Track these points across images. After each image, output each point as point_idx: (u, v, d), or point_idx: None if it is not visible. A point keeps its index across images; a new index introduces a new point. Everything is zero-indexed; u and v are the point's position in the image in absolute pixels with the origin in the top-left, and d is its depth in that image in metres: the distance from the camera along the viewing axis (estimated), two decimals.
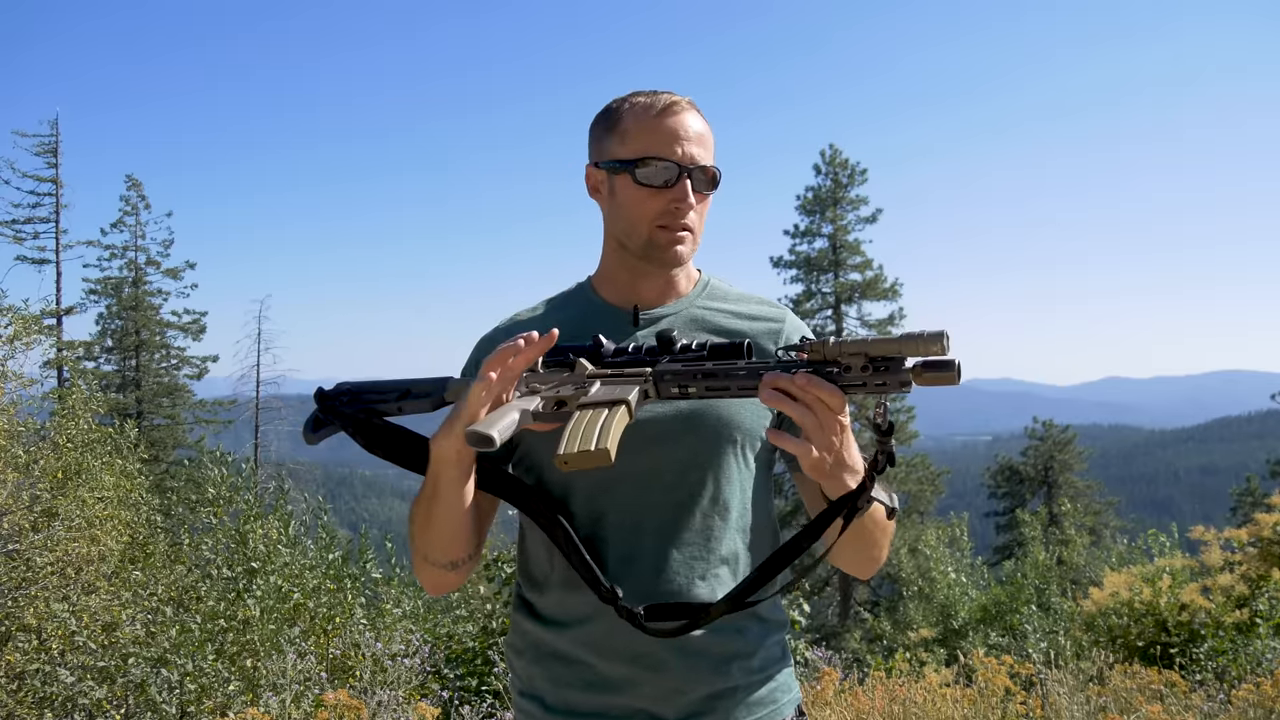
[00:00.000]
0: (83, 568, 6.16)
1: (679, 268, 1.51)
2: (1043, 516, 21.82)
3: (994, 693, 4.74)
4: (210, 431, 22.62)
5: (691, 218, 1.46)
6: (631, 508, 1.43)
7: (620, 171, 1.46)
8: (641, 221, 1.46)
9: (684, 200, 1.43)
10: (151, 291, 23.99)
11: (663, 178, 1.43)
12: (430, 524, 1.37)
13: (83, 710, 5.23)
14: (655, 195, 1.44)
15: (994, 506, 30.79)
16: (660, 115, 1.45)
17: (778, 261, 25.67)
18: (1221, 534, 8.95)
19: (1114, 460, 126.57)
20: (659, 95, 1.47)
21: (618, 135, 1.47)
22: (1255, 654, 7.05)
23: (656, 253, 1.46)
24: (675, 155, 1.43)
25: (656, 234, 1.45)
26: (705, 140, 1.47)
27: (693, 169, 1.44)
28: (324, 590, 7.17)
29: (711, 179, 1.47)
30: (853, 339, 1.13)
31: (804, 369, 1.16)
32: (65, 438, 7.20)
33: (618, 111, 1.49)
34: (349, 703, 4.04)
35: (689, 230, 1.46)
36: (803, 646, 6.23)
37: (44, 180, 22.68)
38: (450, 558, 1.41)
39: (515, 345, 1.23)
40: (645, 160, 1.43)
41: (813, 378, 1.15)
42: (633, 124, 1.46)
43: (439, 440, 1.29)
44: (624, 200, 1.47)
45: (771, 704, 1.48)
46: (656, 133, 1.44)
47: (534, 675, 1.50)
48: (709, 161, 1.47)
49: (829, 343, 1.13)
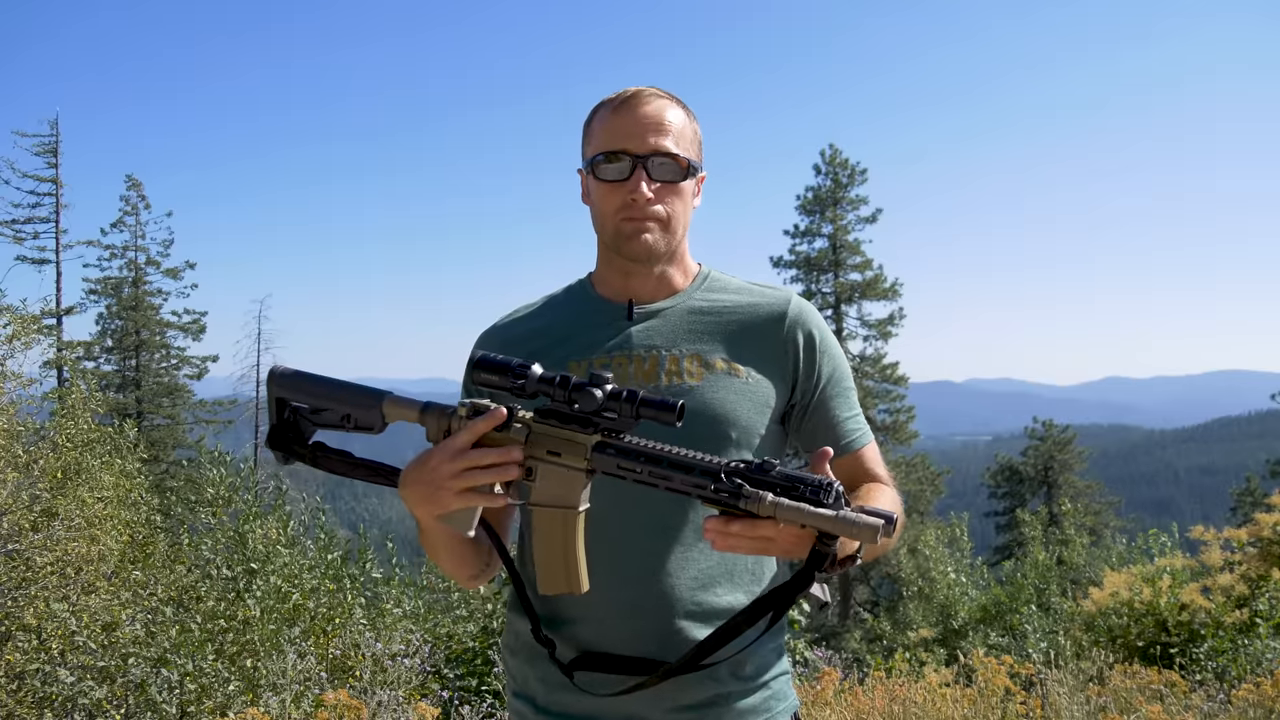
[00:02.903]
0: (82, 567, 6.15)
1: (656, 260, 1.49)
2: (1043, 516, 21.79)
3: (994, 693, 4.73)
4: (210, 431, 22.58)
5: (658, 210, 1.44)
6: (628, 506, 1.42)
7: (589, 171, 1.48)
8: (607, 216, 1.47)
9: (637, 190, 1.42)
10: (151, 291, 24.01)
11: (618, 171, 1.43)
12: (437, 553, 1.42)
13: (83, 710, 5.22)
14: (615, 189, 1.44)
15: (994, 506, 30.78)
16: (617, 110, 1.46)
17: (778, 261, 25.70)
18: (1221, 534, 8.94)
19: (1114, 460, 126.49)
20: (625, 90, 1.47)
21: (589, 136, 1.49)
22: (1255, 654, 7.04)
23: (624, 245, 1.46)
24: (631, 147, 1.43)
25: (621, 226, 1.45)
26: (670, 128, 1.45)
27: (649, 158, 1.43)
28: (324, 590, 7.17)
29: (680, 167, 1.45)
30: (789, 506, 1.10)
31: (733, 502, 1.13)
32: (65, 437, 7.19)
33: (591, 114, 1.51)
34: (349, 703, 4.04)
35: (656, 220, 1.45)
36: (803, 646, 6.23)
37: (44, 180, 22.75)
38: (466, 574, 1.47)
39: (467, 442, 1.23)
40: (602, 155, 1.44)
41: (747, 525, 1.12)
42: (597, 124, 1.48)
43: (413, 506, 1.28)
44: (595, 198, 1.49)
45: (765, 712, 1.47)
46: (612, 128, 1.45)
47: (527, 675, 1.50)
48: (675, 149, 1.44)
49: (765, 500, 1.10)
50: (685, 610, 1.42)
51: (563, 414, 1.24)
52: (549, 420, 1.25)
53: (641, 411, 1.18)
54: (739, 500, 1.12)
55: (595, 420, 1.21)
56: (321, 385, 1.37)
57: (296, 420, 1.38)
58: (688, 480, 1.16)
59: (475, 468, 1.22)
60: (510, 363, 1.25)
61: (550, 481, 1.26)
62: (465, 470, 1.22)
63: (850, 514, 1.07)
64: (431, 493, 1.25)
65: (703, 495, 1.15)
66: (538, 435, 1.25)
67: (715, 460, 1.16)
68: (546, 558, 1.29)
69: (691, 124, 1.49)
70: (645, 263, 1.49)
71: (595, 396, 1.19)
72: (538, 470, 1.26)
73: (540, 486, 1.26)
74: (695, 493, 1.15)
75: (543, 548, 1.29)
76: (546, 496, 1.26)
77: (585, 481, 1.25)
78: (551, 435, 1.24)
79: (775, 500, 1.10)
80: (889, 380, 24.81)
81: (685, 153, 1.46)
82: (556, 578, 1.30)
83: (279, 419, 1.39)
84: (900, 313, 25.12)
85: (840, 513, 1.07)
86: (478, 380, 1.27)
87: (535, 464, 1.26)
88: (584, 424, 1.22)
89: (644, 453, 1.19)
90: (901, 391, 25.07)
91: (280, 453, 1.38)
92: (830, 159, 25.63)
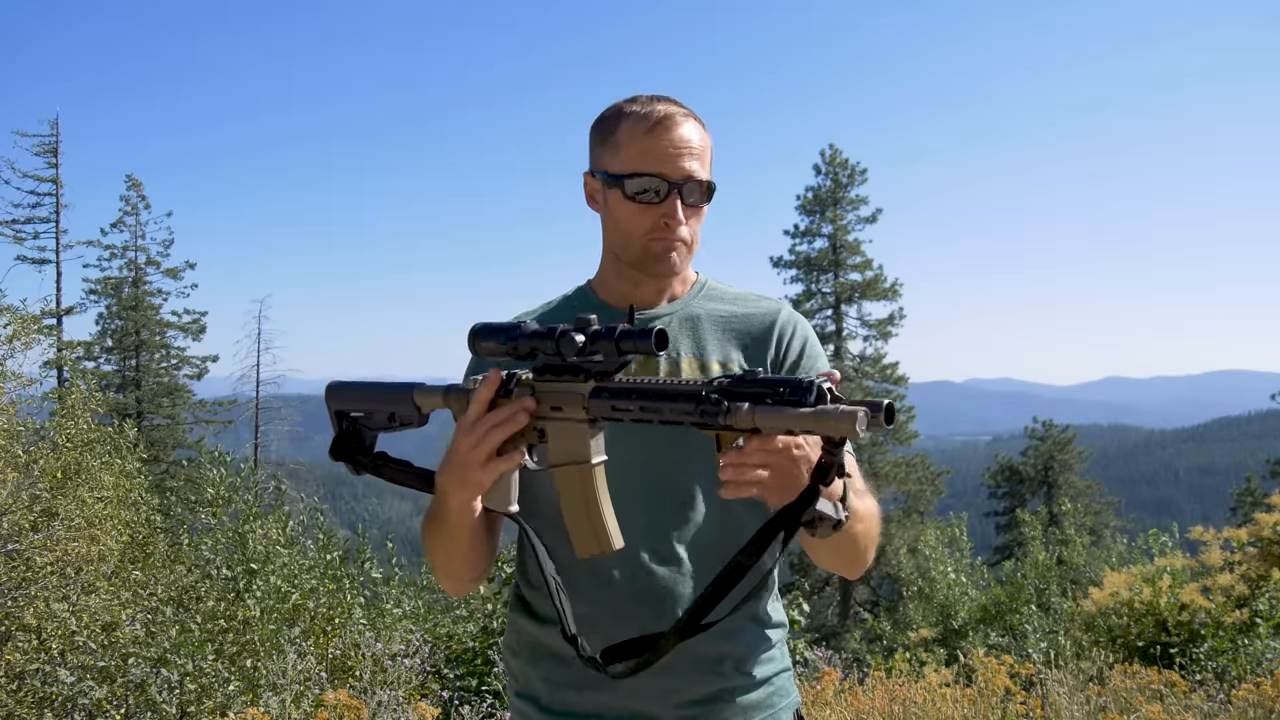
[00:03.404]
0: (82, 567, 6.15)
1: (675, 275, 1.51)
2: (1043, 516, 21.77)
3: (994, 693, 4.73)
4: (210, 431, 22.56)
5: (684, 230, 1.45)
6: (627, 506, 1.41)
7: (613, 185, 1.45)
8: (634, 236, 1.46)
9: (673, 216, 1.43)
10: (151, 291, 23.99)
11: (653, 195, 1.43)
12: (447, 550, 1.40)
13: (83, 710, 5.22)
14: (646, 211, 1.44)
15: (994, 506, 30.76)
16: (653, 129, 1.43)
17: (778, 261, 25.68)
18: (1221, 534, 8.94)
19: (1114, 460, 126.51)
20: (655, 106, 1.45)
21: (611, 147, 1.46)
22: (1255, 654, 7.05)
23: (650, 264, 1.47)
24: (666, 171, 1.42)
25: (650, 245, 1.45)
26: (700, 153, 1.45)
27: (684, 184, 1.43)
28: (323, 590, 7.17)
29: (706, 191, 1.46)
30: (766, 410, 1.06)
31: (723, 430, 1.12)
32: (65, 437, 7.19)
33: (613, 121, 1.48)
34: (349, 703, 4.05)
35: (682, 241, 1.46)
36: (803, 646, 6.24)
37: (44, 180, 22.73)
38: (471, 574, 1.46)
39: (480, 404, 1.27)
40: (636, 176, 1.43)
41: (757, 444, 1.11)
42: (626, 137, 1.45)
43: (449, 495, 1.31)
44: (617, 214, 1.47)
45: (768, 708, 1.47)
46: (648, 148, 1.43)
47: (530, 675, 1.50)
48: (704, 175, 1.45)
49: (742, 410, 1.07)
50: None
51: (557, 367, 1.25)
52: (545, 376, 1.26)
53: (622, 345, 1.17)
54: (719, 416, 1.09)
55: (585, 367, 1.22)
56: (365, 389, 1.42)
57: (357, 430, 1.42)
58: (676, 408, 1.14)
59: (492, 428, 1.25)
60: (504, 325, 1.27)
61: (560, 439, 1.26)
62: (483, 436, 1.25)
63: (829, 407, 1.03)
64: (462, 472, 1.27)
65: (692, 421, 1.13)
66: (542, 393, 1.26)
67: (698, 380, 1.14)
68: (573, 518, 1.28)
69: (709, 141, 1.50)
70: (665, 278, 1.51)
71: (576, 341, 1.19)
72: (548, 430, 1.27)
73: (553, 447, 1.27)
74: (685, 420, 1.13)
75: (569, 509, 1.28)
76: (560, 455, 1.27)
77: (591, 433, 1.25)
78: (552, 391, 1.26)
79: (753, 409, 1.07)
80: (889, 380, 24.81)
81: (709, 175, 1.48)
82: (586, 538, 1.28)
83: (340, 430, 1.43)
84: (900, 313, 25.14)
85: (818, 409, 1.04)
86: (479, 350, 1.29)
87: (545, 423, 1.27)
88: (576, 372, 1.23)
89: (633, 389, 1.19)
90: (901, 391, 25.08)
91: (347, 464, 1.41)
92: (830, 159, 25.63)
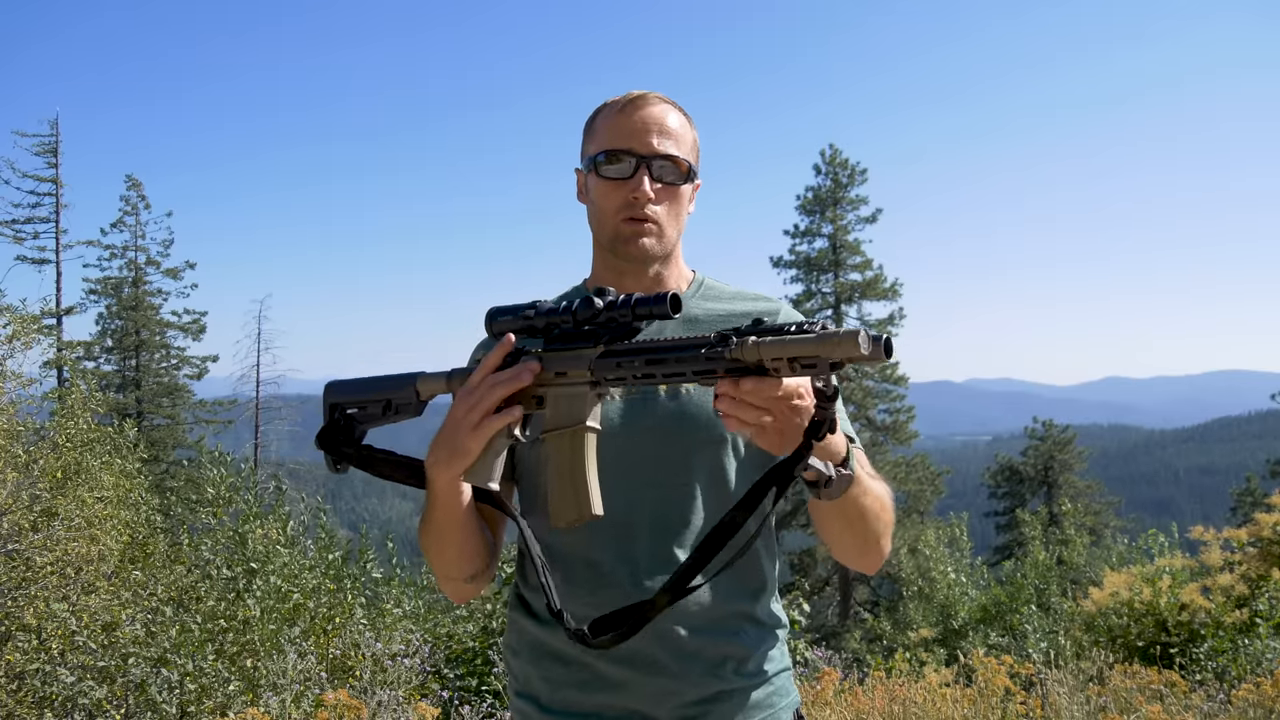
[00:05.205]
0: (82, 567, 6.15)
1: (651, 262, 1.51)
2: (1043, 516, 21.78)
3: (994, 693, 4.73)
4: (210, 431, 22.57)
5: (658, 211, 1.46)
6: (626, 505, 1.42)
7: (590, 169, 1.49)
8: (607, 214, 1.48)
9: (639, 189, 1.44)
10: (151, 291, 24.01)
11: (621, 170, 1.45)
12: (439, 543, 1.40)
13: (83, 710, 5.22)
14: (617, 187, 1.46)
15: (994, 506, 30.76)
16: (624, 109, 1.48)
17: (778, 261, 25.67)
18: (1221, 534, 8.94)
19: (1114, 460, 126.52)
20: (630, 92, 1.50)
21: (589, 136, 1.51)
22: (1255, 654, 7.05)
23: (621, 245, 1.48)
24: (635, 146, 1.45)
25: (621, 226, 1.47)
26: (673, 132, 1.47)
27: (652, 159, 1.45)
28: (324, 590, 7.17)
29: (680, 170, 1.47)
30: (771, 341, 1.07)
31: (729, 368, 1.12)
32: (65, 437, 7.19)
33: (595, 113, 1.53)
34: (349, 703, 4.05)
35: (654, 223, 1.46)
36: (803, 646, 6.24)
37: (44, 180, 22.75)
38: (467, 572, 1.45)
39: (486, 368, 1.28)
40: (606, 154, 1.46)
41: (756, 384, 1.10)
42: (600, 122, 1.50)
43: (436, 473, 1.32)
44: (594, 196, 1.50)
45: (768, 708, 1.47)
46: (618, 125, 1.47)
47: (530, 675, 1.50)
48: (676, 152, 1.46)
49: (748, 343, 1.08)
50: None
51: (569, 334, 1.27)
52: (555, 345, 1.28)
53: (637, 310, 1.20)
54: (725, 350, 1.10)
55: (598, 333, 1.24)
56: (362, 382, 1.44)
57: (349, 423, 1.43)
58: (680, 358, 1.15)
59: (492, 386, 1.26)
60: (520, 304, 1.30)
61: (559, 405, 1.27)
62: (482, 395, 1.26)
63: (831, 330, 1.04)
64: (451, 438, 1.28)
65: (697, 369, 1.14)
66: (548, 360, 1.28)
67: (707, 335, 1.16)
68: (557, 484, 1.27)
69: (691, 131, 1.52)
70: (640, 264, 1.51)
71: (596, 304, 1.23)
72: (548, 396, 1.28)
73: (550, 413, 1.28)
74: (689, 370, 1.14)
75: (553, 475, 1.28)
76: (555, 420, 1.28)
77: (593, 399, 1.26)
78: (558, 357, 1.27)
79: (758, 341, 1.08)
80: (889, 380, 24.80)
81: (686, 157, 1.48)
82: (567, 504, 1.26)
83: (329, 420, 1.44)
84: (900, 313, 25.13)
85: (820, 334, 1.04)
86: (495, 329, 1.31)
87: (546, 390, 1.28)
88: (588, 339, 1.25)
89: (639, 346, 1.21)
90: (901, 391, 25.07)
91: (329, 454, 1.42)
92: (830, 159, 25.63)
